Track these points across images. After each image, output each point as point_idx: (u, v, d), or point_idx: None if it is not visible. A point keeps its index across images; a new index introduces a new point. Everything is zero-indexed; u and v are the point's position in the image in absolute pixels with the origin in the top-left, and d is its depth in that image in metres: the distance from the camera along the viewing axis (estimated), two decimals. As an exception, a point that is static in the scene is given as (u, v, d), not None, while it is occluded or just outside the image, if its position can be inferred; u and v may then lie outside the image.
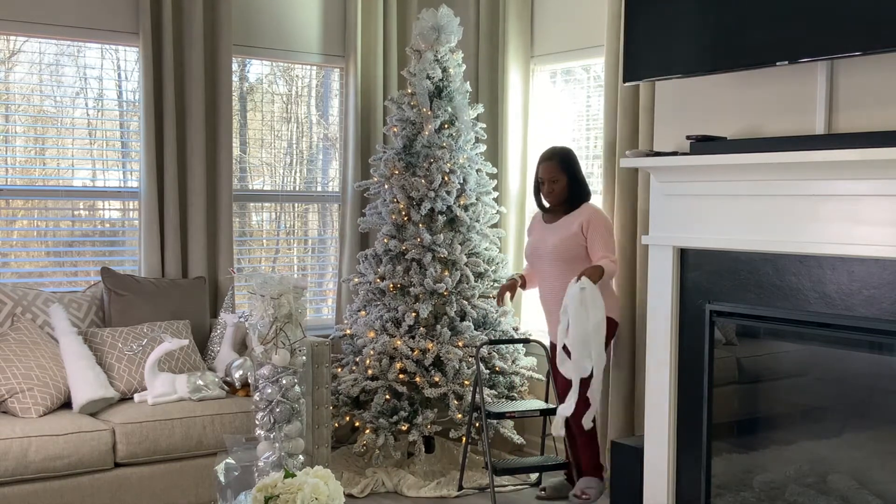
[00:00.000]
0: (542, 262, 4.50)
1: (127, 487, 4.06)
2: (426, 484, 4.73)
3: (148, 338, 4.46)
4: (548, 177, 4.46)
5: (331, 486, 2.33)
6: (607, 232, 4.39)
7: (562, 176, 4.45)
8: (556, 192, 4.46)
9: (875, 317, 3.22)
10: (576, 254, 4.39)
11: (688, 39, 3.70)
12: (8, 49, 4.77)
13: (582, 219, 4.39)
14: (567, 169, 4.46)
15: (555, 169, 4.45)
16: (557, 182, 4.45)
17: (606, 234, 4.37)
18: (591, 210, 4.43)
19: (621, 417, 4.68)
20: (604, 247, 4.33)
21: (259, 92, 5.54)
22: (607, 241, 4.36)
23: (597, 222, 4.38)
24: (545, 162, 4.48)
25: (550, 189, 4.46)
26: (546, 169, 4.47)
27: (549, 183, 4.46)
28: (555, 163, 4.45)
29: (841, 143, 3.20)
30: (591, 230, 4.36)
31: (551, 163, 4.46)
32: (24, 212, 4.89)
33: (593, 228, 4.37)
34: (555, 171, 4.45)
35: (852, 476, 3.46)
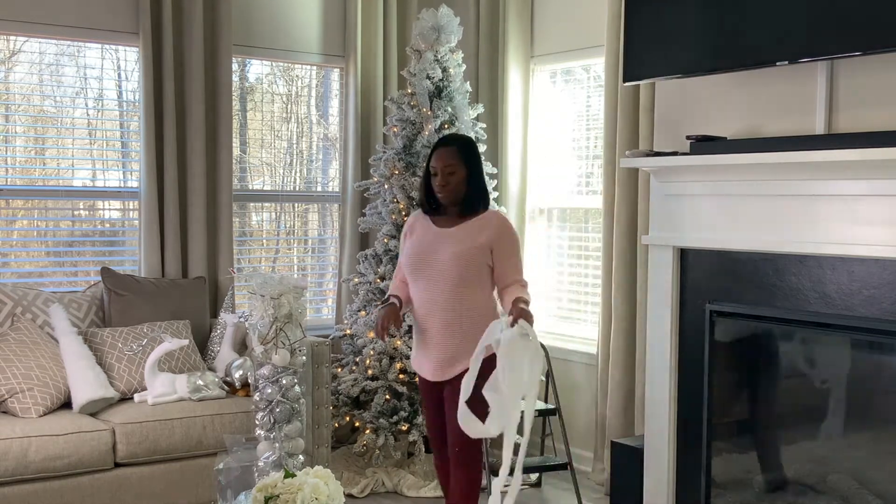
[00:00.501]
0: (429, 278, 3.50)
1: (127, 487, 4.06)
2: (426, 484, 4.72)
3: (148, 338, 4.46)
4: (443, 166, 3.48)
5: (331, 486, 2.33)
6: (517, 248, 3.55)
7: (461, 167, 3.49)
8: (452, 187, 3.48)
9: (875, 317, 3.22)
10: (476, 273, 3.46)
11: (688, 39, 3.70)
12: (8, 49, 4.77)
13: (490, 231, 3.46)
14: (468, 159, 3.52)
15: (453, 157, 3.49)
16: (454, 174, 3.48)
17: (517, 252, 3.53)
18: (501, 221, 3.52)
19: (621, 417, 4.68)
20: (516, 269, 3.48)
21: (259, 92, 5.53)
22: (518, 263, 3.51)
23: (509, 238, 3.49)
24: (442, 148, 3.54)
25: (445, 182, 3.48)
26: (442, 156, 3.50)
27: (443, 174, 3.48)
28: (454, 149, 3.51)
29: (841, 143, 3.20)
30: (502, 247, 3.46)
31: (450, 149, 3.51)
32: (24, 212, 4.89)
33: (505, 245, 3.47)
34: (453, 160, 3.48)
35: (852, 476, 3.46)
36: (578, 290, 5.34)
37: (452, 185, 3.48)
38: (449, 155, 3.49)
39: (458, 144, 3.53)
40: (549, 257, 5.50)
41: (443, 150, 3.51)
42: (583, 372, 5.11)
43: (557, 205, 5.44)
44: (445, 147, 3.52)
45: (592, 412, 4.98)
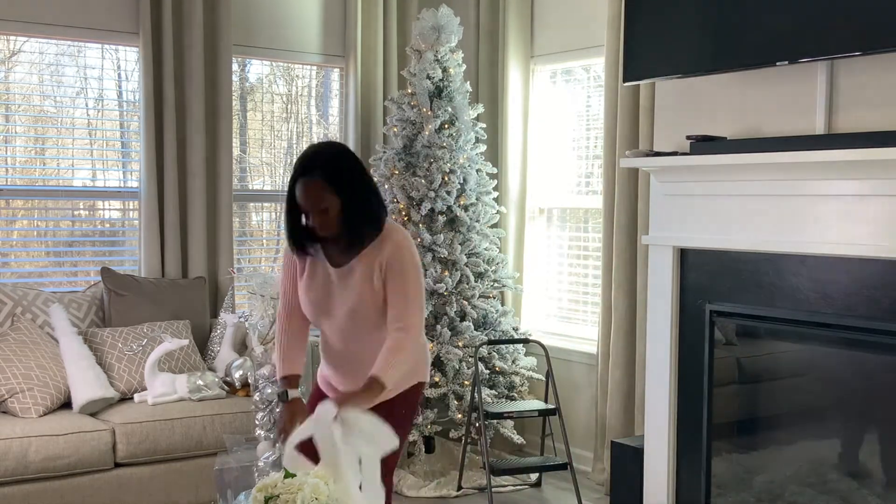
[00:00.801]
0: (331, 329, 2.93)
1: (127, 487, 4.06)
2: (426, 484, 4.73)
3: (148, 338, 4.46)
4: (312, 205, 2.72)
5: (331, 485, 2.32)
6: (413, 277, 2.80)
7: (334, 199, 2.72)
8: (331, 223, 2.75)
9: (875, 317, 3.22)
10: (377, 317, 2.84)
11: (688, 39, 3.70)
12: (8, 49, 4.77)
13: (383, 264, 2.78)
14: (340, 185, 2.72)
15: (320, 190, 2.71)
16: (328, 210, 2.73)
17: (411, 282, 2.79)
18: (392, 244, 2.80)
19: (621, 417, 4.68)
20: (402, 304, 2.77)
21: (259, 92, 5.54)
22: (410, 294, 2.78)
23: (397, 262, 2.78)
24: (303, 180, 2.71)
25: (321, 221, 2.74)
26: (307, 192, 2.71)
27: (315, 214, 2.73)
28: (318, 182, 2.70)
29: (841, 143, 3.20)
30: (391, 275, 2.78)
31: (313, 182, 2.71)
32: (24, 212, 4.89)
33: (393, 272, 2.78)
34: (320, 194, 2.71)
35: (852, 476, 3.46)
36: (578, 290, 5.34)
37: (331, 222, 2.75)
38: (314, 192, 2.71)
39: (322, 172, 2.71)
40: (549, 257, 5.50)
41: (305, 182, 2.71)
42: (583, 372, 5.11)
43: (557, 205, 5.44)
44: (308, 178, 2.71)
45: (592, 412, 4.98)
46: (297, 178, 2.72)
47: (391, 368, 2.69)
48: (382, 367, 2.69)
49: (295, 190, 2.73)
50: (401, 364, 2.73)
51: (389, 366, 2.69)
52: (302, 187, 2.70)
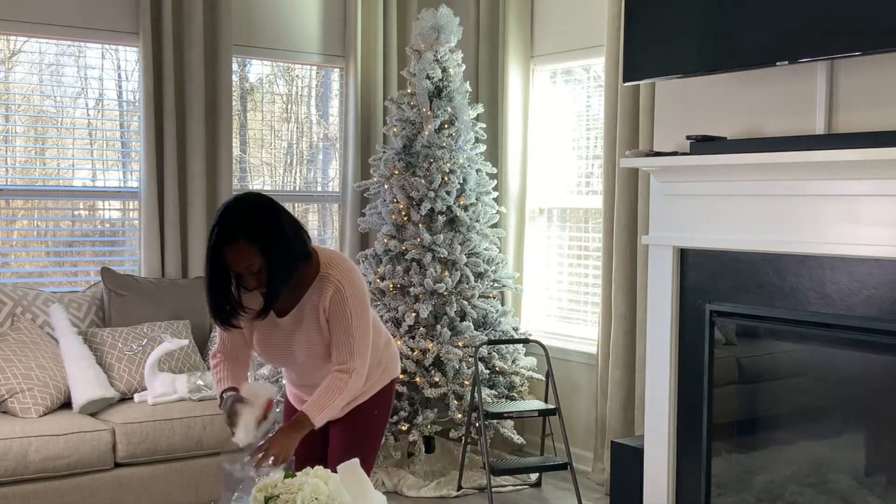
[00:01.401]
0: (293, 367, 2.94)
1: (127, 487, 4.06)
2: (426, 484, 4.73)
3: (148, 338, 4.46)
4: (244, 268, 2.63)
5: (331, 485, 2.32)
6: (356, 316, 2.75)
7: (259, 259, 2.61)
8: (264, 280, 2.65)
9: (875, 317, 3.22)
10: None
11: (688, 39, 3.70)
12: (8, 49, 4.77)
13: (324, 303, 2.74)
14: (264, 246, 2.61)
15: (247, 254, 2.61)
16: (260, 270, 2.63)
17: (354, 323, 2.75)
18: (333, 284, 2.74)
19: (621, 417, 4.68)
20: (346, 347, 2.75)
21: (259, 92, 5.54)
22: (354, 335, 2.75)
23: (338, 303, 2.73)
24: (229, 246, 2.61)
25: (256, 281, 2.65)
26: (235, 260, 2.62)
27: (250, 276, 2.64)
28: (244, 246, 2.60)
29: (841, 143, 3.20)
30: (333, 318, 2.75)
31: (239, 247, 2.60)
32: (24, 212, 4.89)
33: (335, 316, 2.74)
34: (249, 258, 2.61)
35: (852, 476, 3.46)
36: (578, 290, 5.34)
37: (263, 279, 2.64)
38: (240, 257, 2.61)
39: (243, 233, 2.60)
40: (549, 257, 5.50)
41: (231, 248, 2.60)
42: (583, 372, 5.11)
43: (557, 205, 5.44)
44: (233, 245, 2.60)
45: (592, 412, 4.98)
46: (221, 245, 2.61)
47: (324, 409, 2.70)
48: (316, 406, 2.70)
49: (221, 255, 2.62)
50: (335, 405, 2.73)
51: (322, 406, 2.70)
52: (231, 253, 2.61)
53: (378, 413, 2.96)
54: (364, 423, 2.93)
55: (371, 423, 2.93)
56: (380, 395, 2.96)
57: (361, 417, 2.92)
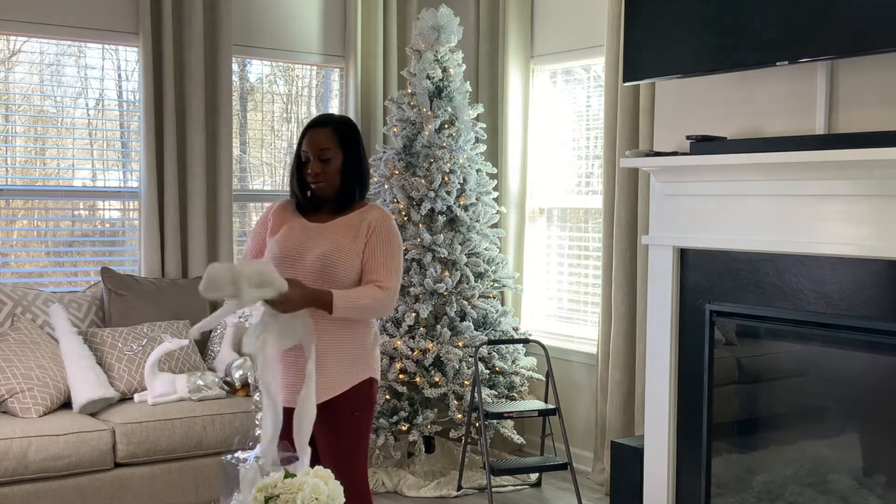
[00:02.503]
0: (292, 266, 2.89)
1: (127, 487, 4.06)
2: (426, 484, 4.73)
3: (148, 338, 4.46)
4: (316, 151, 2.88)
5: (331, 486, 2.32)
6: (394, 246, 2.90)
7: (338, 152, 2.89)
8: (328, 176, 2.89)
9: (875, 317, 3.22)
10: (348, 273, 2.86)
11: (688, 39, 3.70)
12: (8, 49, 4.77)
13: (365, 228, 2.88)
14: (346, 142, 2.91)
15: (329, 139, 2.88)
16: (331, 161, 2.88)
17: (392, 249, 2.89)
18: (379, 217, 2.91)
19: (621, 417, 4.68)
20: (379, 267, 2.85)
21: (259, 92, 5.54)
22: (390, 260, 2.87)
23: (385, 228, 2.89)
24: (315, 129, 2.91)
25: (319, 170, 2.87)
26: (314, 139, 2.89)
27: (316, 161, 2.87)
28: (328, 131, 2.89)
29: (841, 143, 3.20)
30: (372, 244, 2.87)
31: (324, 130, 2.89)
32: (24, 212, 4.89)
33: (376, 242, 2.87)
34: (328, 143, 2.88)
35: (852, 476, 3.46)
36: (578, 290, 5.34)
37: (329, 175, 2.88)
38: (323, 138, 2.88)
39: (334, 125, 2.91)
40: (549, 257, 5.50)
41: (315, 131, 2.90)
42: (583, 372, 5.11)
43: (557, 205, 5.44)
44: (319, 128, 2.90)
45: (592, 412, 4.98)
46: (309, 128, 2.92)
47: (348, 302, 2.75)
48: (343, 296, 2.75)
49: (303, 142, 2.90)
50: (360, 307, 2.79)
51: (349, 299, 2.76)
52: (312, 134, 2.90)
53: (358, 414, 2.89)
54: (346, 427, 2.87)
55: (353, 425, 2.87)
56: (357, 394, 2.88)
57: (342, 421, 2.85)
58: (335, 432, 2.87)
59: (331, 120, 2.94)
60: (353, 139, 2.93)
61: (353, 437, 2.91)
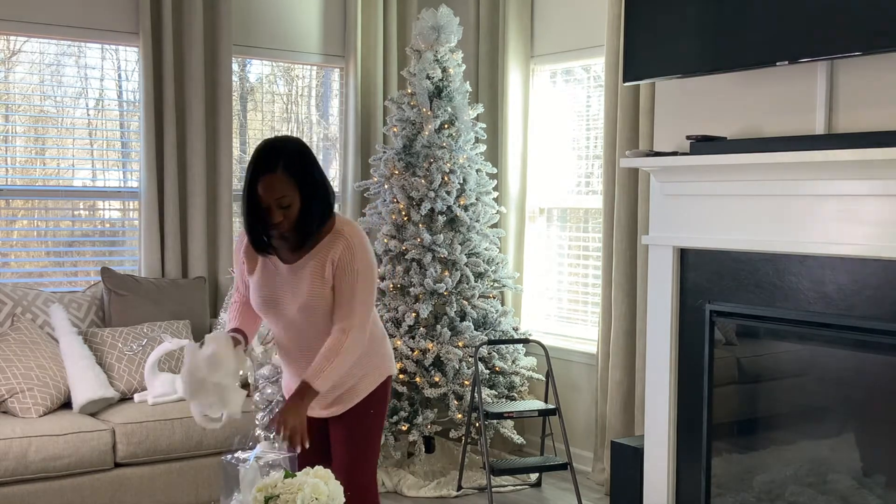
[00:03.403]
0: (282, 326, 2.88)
1: (127, 487, 4.06)
2: (426, 484, 4.73)
3: (148, 338, 4.46)
4: (274, 200, 2.67)
5: (331, 486, 2.32)
6: (363, 276, 2.77)
7: (295, 195, 2.69)
8: (290, 221, 2.71)
9: (875, 317, 3.22)
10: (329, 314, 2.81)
11: (688, 39, 3.70)
12: (8, 49, 4.77)
13: (333, 254, 2.76)
14: (302, 181, 2.69)
15: (284, 185, 2.67)
16: (291, 207, 2.69)
17: (360, 282, 2.76)
18: (345, 241, 2.77)
19: (621, 417, 4.68)
20: (348, 304, 2.75)
21: (259, 92, 5.54)
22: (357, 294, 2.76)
23: (347, 260, 2.75)
24: (267, 176, 2.66)
25: (281, 217, 2.70)
26: (270, 187, 2.66)
27: (277, 210, 2.68)
28: (283, 175, 2.66)
29: (841, 143, 3.20)
30: (339, 274, 2.75)
31: (277, 176, 2.66)
32: (24, 212, 4.89)
33: (341, 271, 2.75)
34: (285, 189, 2.67)
35: (852, 476, 3.46)
36: (578, 290, 5.34)
37: (290, 220, 2.70)
38: (278, 185, 2.66)
39: (284, 165, 2.66)
40: (549, 257, 5.50)
41: (268, 178, 2.65)
42: (583, 372, 5.11)
43: (557, 205, 5.44)
44: (271, 174, 2.65)
45: (592, 412, 4.98)
46: (260, 172, 2.67)
47: (324, 374, 2.70)
48: (316, 371, 2.70)
49: (256, 186, 2.67)
50: (336, 368, 2.71)
51: (323, 371, 2.69)
52: (266, 183, 2.66)
53: (374, 412, 2.95)
54: (362, 423, 2.93)
55: (368, 422, 2.93)
56: (375, 394, 2.95)
57: (358, 417, 2.92)
58: (349, 428, 2.91)
59: (280, 156, 2.67)
60: (306, 171, 2.70)
61: (366, 431, 2.95)
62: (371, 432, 2.95)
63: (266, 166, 2.66)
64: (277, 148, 2.71)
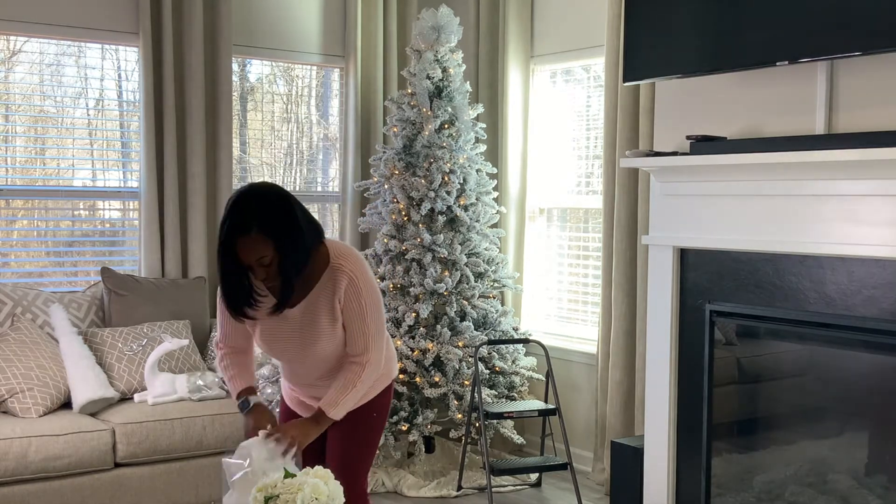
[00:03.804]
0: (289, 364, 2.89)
1: (127, 487, 4.06)
2: (426, 484, 4.73)
3: (148, 338, 4.46)
4: (254, 261, 2.59)
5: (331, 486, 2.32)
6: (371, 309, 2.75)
7: (275, 254, 2.58)
8: (273, 274, 2.62)
9: (875, 317, 3.22)
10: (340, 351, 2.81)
11: (688, 39, 3.70)
12: (8, 49, 4.77)
13: (339, 291, 2.71)
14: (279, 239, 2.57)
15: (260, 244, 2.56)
16: (271, 263, 2.60)
17: (368, 315, 2.74)
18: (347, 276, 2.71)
19: (621, 417, 4.68)
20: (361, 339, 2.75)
21: (259, 92, 5.54)
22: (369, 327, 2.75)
23: (353, 294, 2.71)
24: (241, 238, 2.56)
25: (266, 274, 2.62)
26: (246, 248, 2.57)
27: (258, 267, 2.60)
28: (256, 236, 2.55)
29: (841, 143, 3.20)
30: (347, 309, 2.72)
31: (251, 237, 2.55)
32: (24, 212, 4.89)
33: (349, 305, 2.72)
34: (263, 250, 2.57)
35: (852, 476, 3.46)
36: (578, 290, 5.34)
37: (273, 274, 2.62)
38: (254, 245, 2.56)
39: (259, 224, 2.55)
40: (549, 257, 5.50)
41: (244, 240, 2.55)
42: (583, 372, 5.11)
43: (557, 205, 5.44)
44: (245, 236, 2.55)
45: (592, 412, 4.98)
46: (235, 235, 2.56)
47: (340, 405, 2.75)
48: (332, 400, 2.74)
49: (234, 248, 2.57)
50: (351, 399, 2.76)
51: (337, 402, 2.74)
52: (241, 245, 2.56)
53: (377, 415, 2.96)
54: (362, 426, 2.92)
55: (369, 425, 2.93)
56: (378, 398, 2.96)
57: (360, 419, 2.91)
58: (349, 428, 2.88)
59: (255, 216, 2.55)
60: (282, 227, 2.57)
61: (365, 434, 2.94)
62: (370, 435, 2.94)
63: (240, 227, 2.55)
64: (251, 206, 2.58)
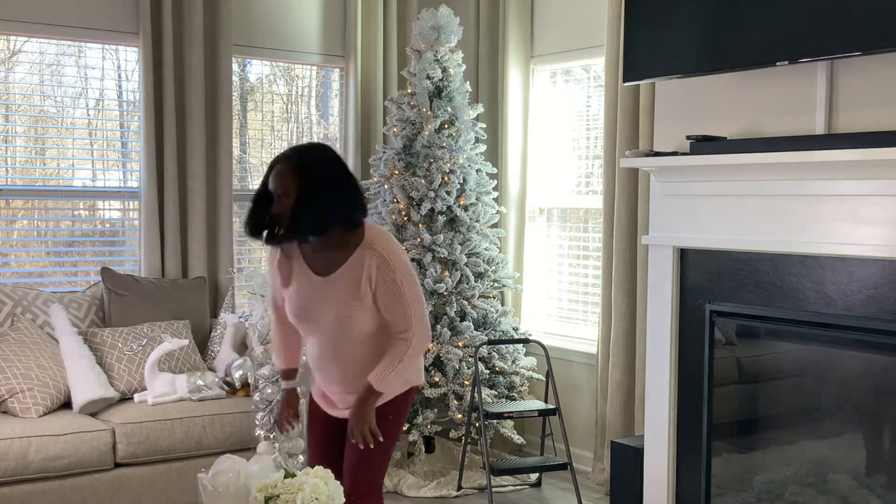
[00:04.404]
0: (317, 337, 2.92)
1: (127, 487, 4.06)
2: (426, 484, 4.73)
3: (148, 338, 4.46)
4: (275, 188, 2.77)
5: (331, 486, 2.33)
6: (407, 284, 2.80)
7: (293, 186, 2.74)
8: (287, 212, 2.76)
9: (875, 317, 3.22)
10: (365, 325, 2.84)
11: (688, 39, 3.70)
12: (8, 49, 4.77)
13: (370, 270, 2.78)
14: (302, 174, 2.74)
15: (285, 176, 2.75)
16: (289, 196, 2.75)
17: (406, 290, 2.80)
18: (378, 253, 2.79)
19: (621, 417, 4.68)
20: (401, 313, 2.80)
21: (259, 92, 5.54)
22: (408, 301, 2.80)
23: (386, 270, 2.78)
24: (277, 166, 2.78)
25: (279, 206, 2.78)
26: (277, 175, 2.77)
27: (278, 198, 2.78)
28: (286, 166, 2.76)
29: (841, 143, 3.20)
30: (381, 286, 2.78)
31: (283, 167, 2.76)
32: (24, 212, 4.89)
33: (386, 284, 2.78)
34: (284, 180, 2.75)
35: (852, 476, 3.46)
36: (578, 290, 5.34)
37: (282, 209, 2.77)
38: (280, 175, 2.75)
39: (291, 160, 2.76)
40: (548, 257, 5.50)
41: (277, 168, 2.77)
42: (583, 372, 5.11)
43: (557, 205, 5.44)
44: (281, 164, 2.77)
45: (592, 412, 4.98)
46: (275, 163, 2.80)
47: (388, 378, 2.81)
48: (381, 374, 2.80)
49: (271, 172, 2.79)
50: (400, 372, 2.82)
51: (386, 376, 2.80)
52: (275, 172, 2.77)
53: (393, 418, 2.94)
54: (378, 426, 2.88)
55: (384, 427, 2.89)
56: (396, 401, 2.94)
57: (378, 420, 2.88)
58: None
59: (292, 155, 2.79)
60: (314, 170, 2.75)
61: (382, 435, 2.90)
62: (385, 436, 2.90)
63: (283, 156, 2.79)
64: (305, 147, 2.86)
